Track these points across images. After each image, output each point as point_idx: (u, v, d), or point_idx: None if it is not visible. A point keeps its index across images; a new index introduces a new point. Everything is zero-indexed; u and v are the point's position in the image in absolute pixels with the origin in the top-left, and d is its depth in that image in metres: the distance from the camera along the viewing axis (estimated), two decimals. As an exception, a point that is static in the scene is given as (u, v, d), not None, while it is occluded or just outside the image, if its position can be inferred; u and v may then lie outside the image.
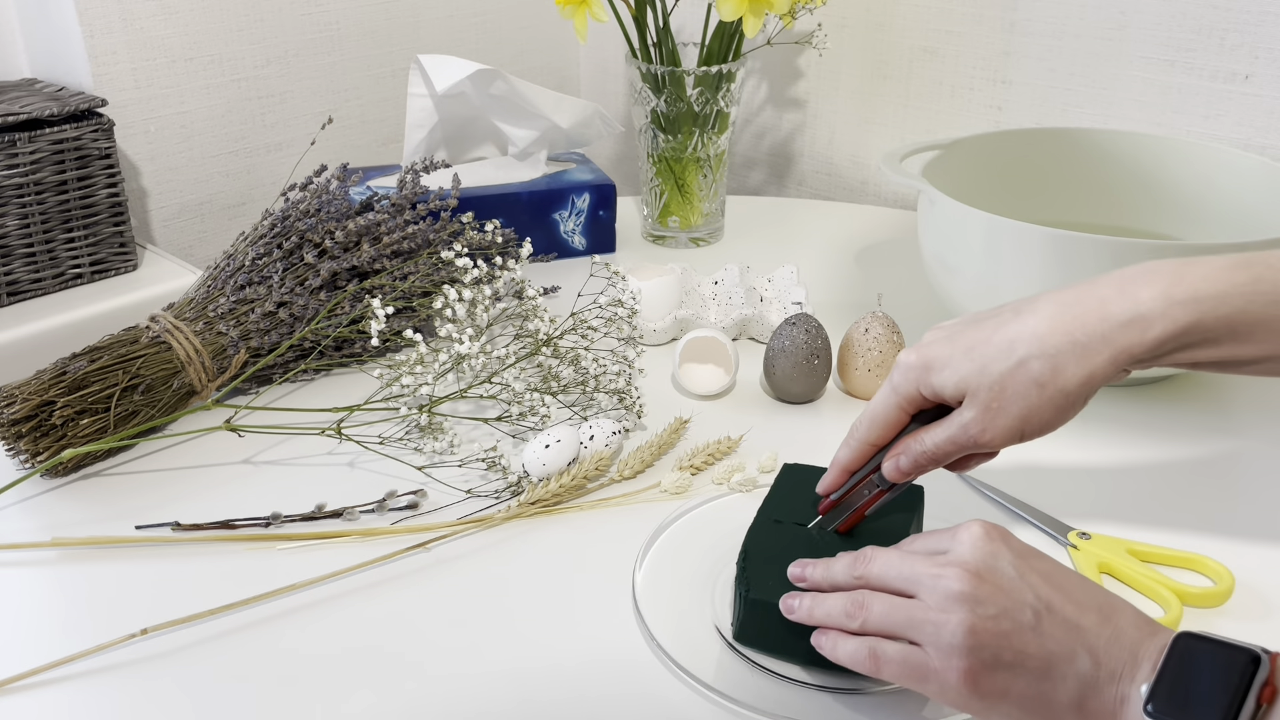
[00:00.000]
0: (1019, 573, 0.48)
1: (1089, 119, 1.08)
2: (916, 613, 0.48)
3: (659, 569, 0.63)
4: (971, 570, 0.47)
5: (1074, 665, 0.45)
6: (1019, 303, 0.54)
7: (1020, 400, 0.51)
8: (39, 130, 0.94)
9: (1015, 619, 0.46)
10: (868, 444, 0.57)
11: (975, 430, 0.52)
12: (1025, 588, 0.47)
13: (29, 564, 0.65)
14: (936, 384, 0.53)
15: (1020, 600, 0.47)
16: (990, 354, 0.51)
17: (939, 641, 0.47)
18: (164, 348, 0.77)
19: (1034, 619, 0.46)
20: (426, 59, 1.04)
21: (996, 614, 0.46)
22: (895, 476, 0.56)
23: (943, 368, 0.53)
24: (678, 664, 0.56)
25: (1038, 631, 0.46)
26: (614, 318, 0.82)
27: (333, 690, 0.55)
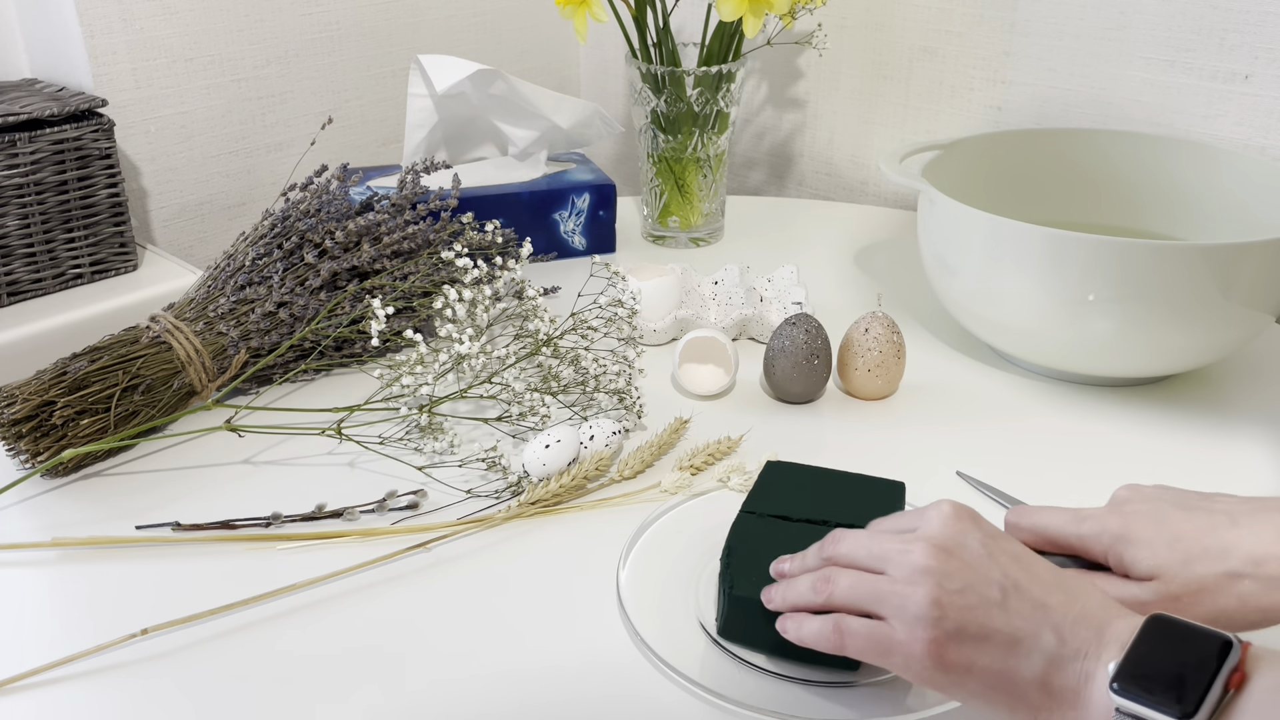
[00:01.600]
0: (987, 551, 0.48)
1: (1089, 119, 1.08)
2: (883, 586, 0.49)
3: (644, 567, 0.63)
4: (938, 545, 0.48)
5: (1039, 642, 0.46)
6: (1231, 505, 0.53)
7: (1214, 605, 0.51)
8: (39, 130, 0.94)
9: (982, 594, 0.47)
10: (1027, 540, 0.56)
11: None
12: (993, 565, 0.48)
13: (29, 564, 0.65)
14: (1129, 558, 0.52)
15: (987, 577, 0.47)
16: (1197, 552, 0.51)
17: (904, 614, 0.48)
18: (164, 348, 0.77)
19: (1000, 595, 0.47)
20: (426, 59, 1.04)
21: (963, 588, 0.47)
22: None
23: (1141, 545, 0.52)
24: (664, 661, 0.56)
25: (1004, 608, 0.47)
26: (614, 318, 0.82)
27: (333, 690, 0.56)
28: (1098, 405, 0.82)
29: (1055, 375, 0.86)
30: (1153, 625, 0.45)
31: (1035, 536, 0.55)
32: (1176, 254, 0.75)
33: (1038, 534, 0.55)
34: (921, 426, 0.79)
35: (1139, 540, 0.52)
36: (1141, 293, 0.76)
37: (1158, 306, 0.76)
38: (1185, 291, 0.76)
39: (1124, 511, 0.54)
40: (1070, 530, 0.54)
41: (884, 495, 0.62)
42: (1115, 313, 0.77)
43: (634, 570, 0.63)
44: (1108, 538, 0.53)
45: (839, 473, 0.64)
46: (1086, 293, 0.77)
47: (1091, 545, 0.54)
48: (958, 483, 0.72)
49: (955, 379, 0.86)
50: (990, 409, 0.82)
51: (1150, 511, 0.53)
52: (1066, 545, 0.55)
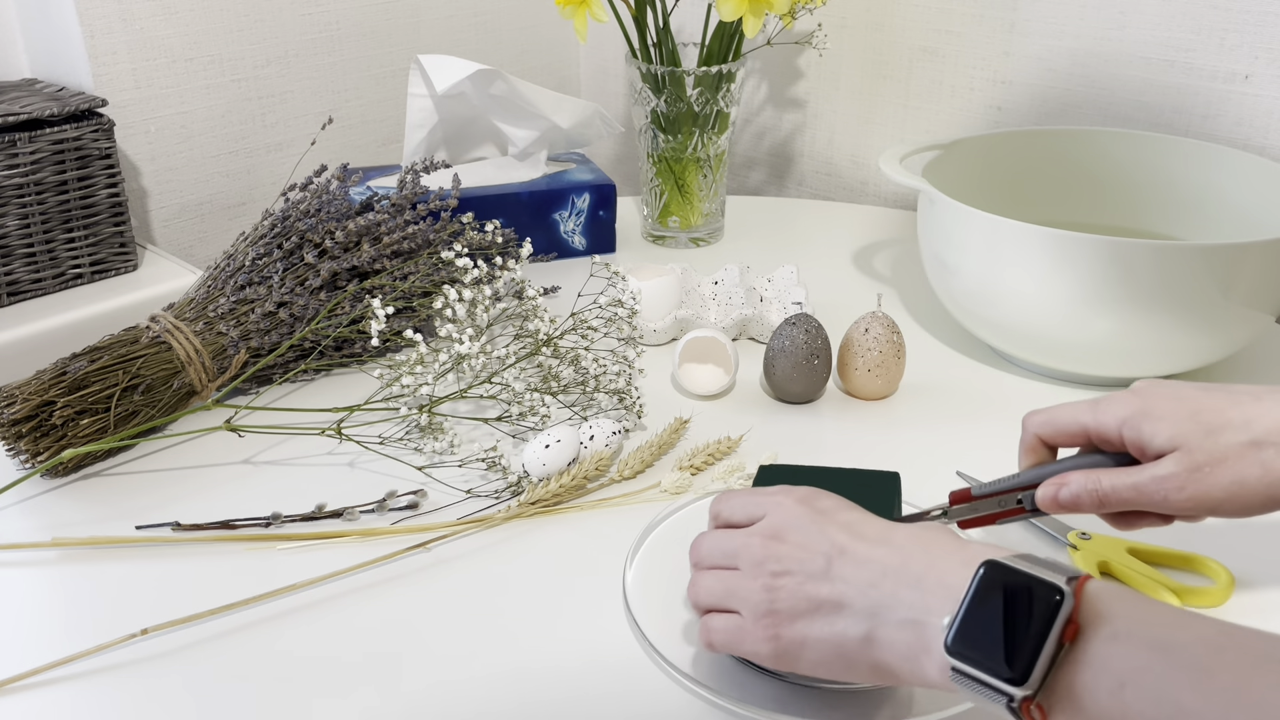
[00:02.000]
0: (818, 526, 0.49)
1: (1089, 119, 1.08)
2: (731, 582, 0.50)
3: (649, 568, 0.63)
4: (770, 534, 0.50)
5: (860, 599, 0.46)
6: (1256, 388, 0.53)
7: (1236, 474, 0.50)
8: (39, 130, 0.94)
9: (807, 569, 0.48)
10: (1036, 439, 0.56)
11: (1172, 486, 0.51)
12: (820, 537, 0.49)
13: (29, 564, 0.65)
14: (1147, 431, 0.51)
15: (814, 550, 0.48)
16: (1219, 423, 0.50)
17: (748, 605, 0.49)
18: (164, 348, 0.77)
19: (824, 564, 0.48)
20: (426, 59, 1.04)
21: (791, 568, 0.48)
22: (1048, 506, 0.54)
23: (1160, 419, 0.51)
24: (668, 661, 0.56)
25: (828, 576, 0.47)
26: (614, 318, 0.82)
27: (333, 690, 0.56)
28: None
29: (1055, 375, 0.86)
30: (987, 574, 0.43)
31: (1048, 426, 0.55)
32: (1176, 254, 0.75)
33: (1051, 425, 0.55)
34: (921, 426, 0.79)
35: (1157, 414, 0.51)
36: (1141, 293, 0.76)
37: (1158, 306, 0.76)
38: (1185, 291, 0.76)
39: (1141, 392, 0.53)
40: (1085, 416, 0.54)
41: (880, 487, 0.62)
42: (1115, 313, 0.77)
43: (640, 570, 0.63)
44: (1125, 413, 0.52)
45: (832, 469, 0.64)
46: (1086, 293, 0.77)
47: (1107, 424, 0.53)
48: (958, 483, 0.72)
49: (955, 379, 0.86)
50: (990, 409, 0.82)
51: (1169, 392, 0.53)
52: (1079, 428, 0.54)
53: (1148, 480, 0.51)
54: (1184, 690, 0.37)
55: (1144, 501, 0.52)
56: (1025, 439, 0.57)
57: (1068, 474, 0.54)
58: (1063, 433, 0.55)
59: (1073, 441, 0.55)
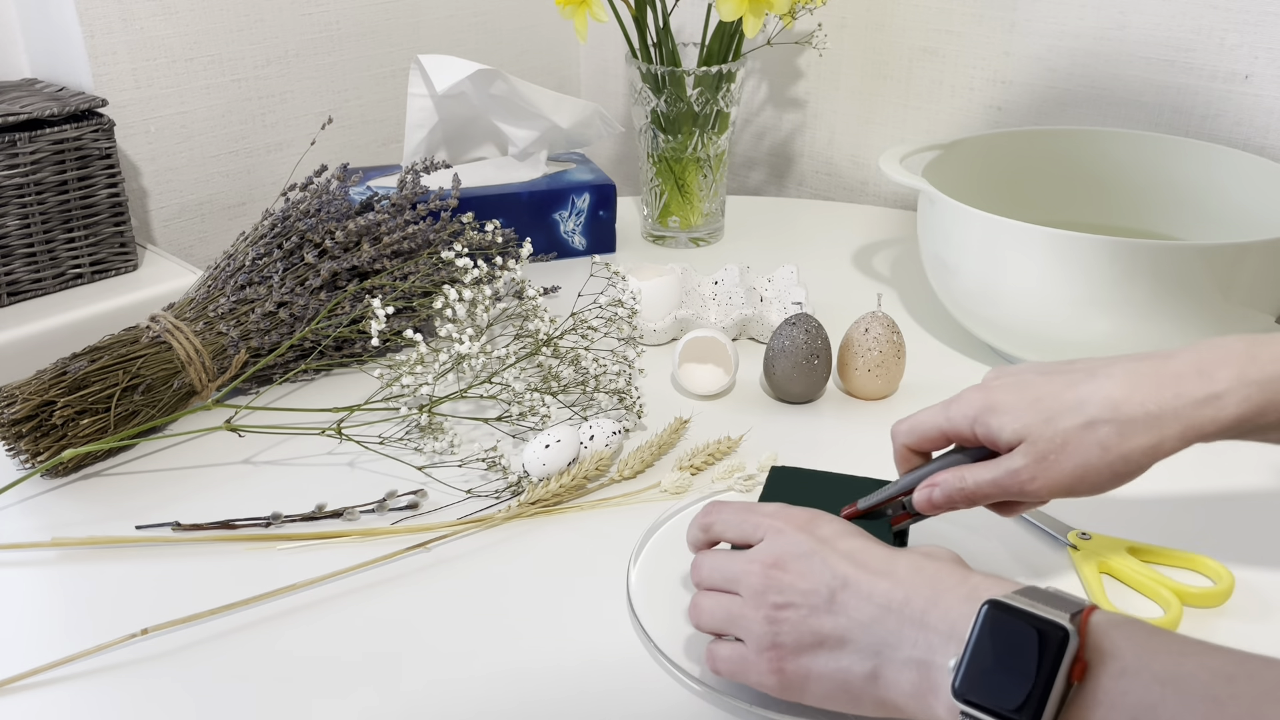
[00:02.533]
0: (820, 556, 0.49)
1: (1089, 119, 1.08)
2: (734, 609, 0.50)
3: (653, 568, 0.63)
4: (770, 562, 0.49)
5: (864, 636, 0.46)
6: (1092, 363, 0.54)
7: (1078, 458, 0.51)
8: (39, 130, 0.94)
9: (810, 602, 0.48)
10: (905, 449, 0.58)
11: (1024, 478, 0.52)
12: (823, 567, 0.48)
13: (29, 564, 0.65)
14: (995, 426, 0.53)
15: (817, 581, 0.48)
16: (1057, 408, 0.52)
17: (751, 635, 0.49)
18: (164, 348, 0.77)
19: (828, 596, 0.47)
20: (426, 59, 1.04)
21: (794, 600, 0.48)
22: (925, 508, 0.56)
23: (1004, 412, 0.52)
24: (673, 662, 0.56)
25: (831, 609, 0.47)
26: (614, 318, 0.82)
27: (333, 690, 0.55)
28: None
29: (1055, 375, 0.85)
30: (989, 616, 0.42)
31: (911, 435, 0.56)
32: (1176, 254, 0.75)
33: (913, 433, 0.56)
34: (921, 426, 0.79)
35: (1002, 407, 0.52)
36: (1141, 293, 0.76)
37: (1158, 306, 0.76)
38: (1185, 291, 0.76)
39: (988, 386, 0.54)
40: (939, 417, 0.55)
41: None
42: (1115, 313, 0.77)
43: (644, 570, 0.63)
44: (973, 411, 0.53)
45: (842, 475, 0.64)
46: (1086, 293, 0.77)
47: (959, 424, 0.54)
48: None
49: (955, 379, 0.86)
50: (990, 409, 0.82)
51: (1012, 382, 0.54)
52: (938, 433, 0.55)
53: (1003, 475, 0.52)
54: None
55: (1004, 494, 0.53)
56: (895, 450, 0.58)
57: (937, 475, 0.55)
58: (925, 439, 0.56)
59: (936, 445, 0.56)
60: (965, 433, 0.54)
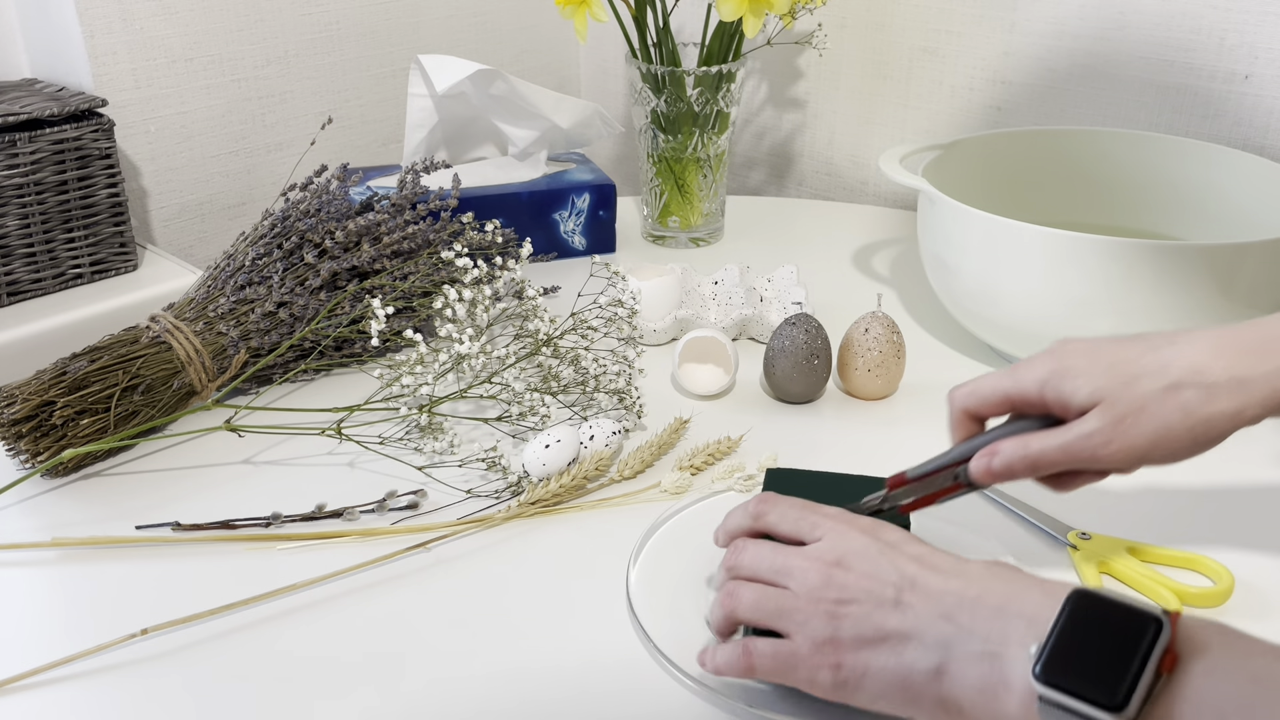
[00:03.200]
0: (887, 558, 0.48)
1: (1089, 119, 1.08)
2: (786, 602, 0.49)
3: (653, 568, 0.63)
4: (832, 561, 0.48)
5: (932, 631, 0.44)
6: (1171, 333, 0.53)
7: (1158, 421, 0.49)
8: (39, 130, 0.94)
9: (876, 597, 0.46)
10: (964, 414, 0.56)
11: (1098, 442, 0.50)
12: (890, 567, 0.47)
13: (29, 564, 0.65)
14: (1068, 389, 0.51)
15: (883, 580, 0.47)
16: (1136, 371, 0.50)
17: (806, 630, 0.47)
18: (164, 348, 0.77)
19: (895, 594, 0.46)
20: (426, 59, 1.04)
21: (858, 596, 0.47)
22: (983, 477, 0.53)
23: (1078, 375, 0.51)
24: (673, 663, 0.56)
25: (899, 606, 0.46)
26: (614, 318, 0.82)
27: (333, 690, 0.55)
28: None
29: (1055, 375, 0.85)
30: (1077, 603, 0.41)
31: (972, 398, 0.55)
32: (1176, 254, 0.75)
33: (975, 396, 0.55)
34: (921, 426, 0.79)
35: (1075, 371, 0.51)
36: (1141, 293, 0.76)
37: (1158, 306, 0.76)
38: (1185, 291, 0.76)
39: (1057, 352, 0.53)
40: (1005, 381, 0.53)
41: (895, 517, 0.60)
42: (1115, 313, 0.77)
43: (643, 570, 0.63)
44: (1043, 374, 0.52)
45: (840, 475, 0.64)
46: (1086, 293, 0.77)
47: (1027, 387, 0.52)
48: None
49: (955, 379, 0.86)
50: (990, 409, 0.82)
51: (1084, 348, 0.53)
52: (1001, 396, 0.54)
53: (1074, 439, 0.50)
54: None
55: (1074, 460, 0.51)
56: (952, 415, 0.56)
57: (998, 443, 0.53)
58: (987, 403, 0.54)
59: (998, 410, 0.54)
60: (1033, 396, 0.52)
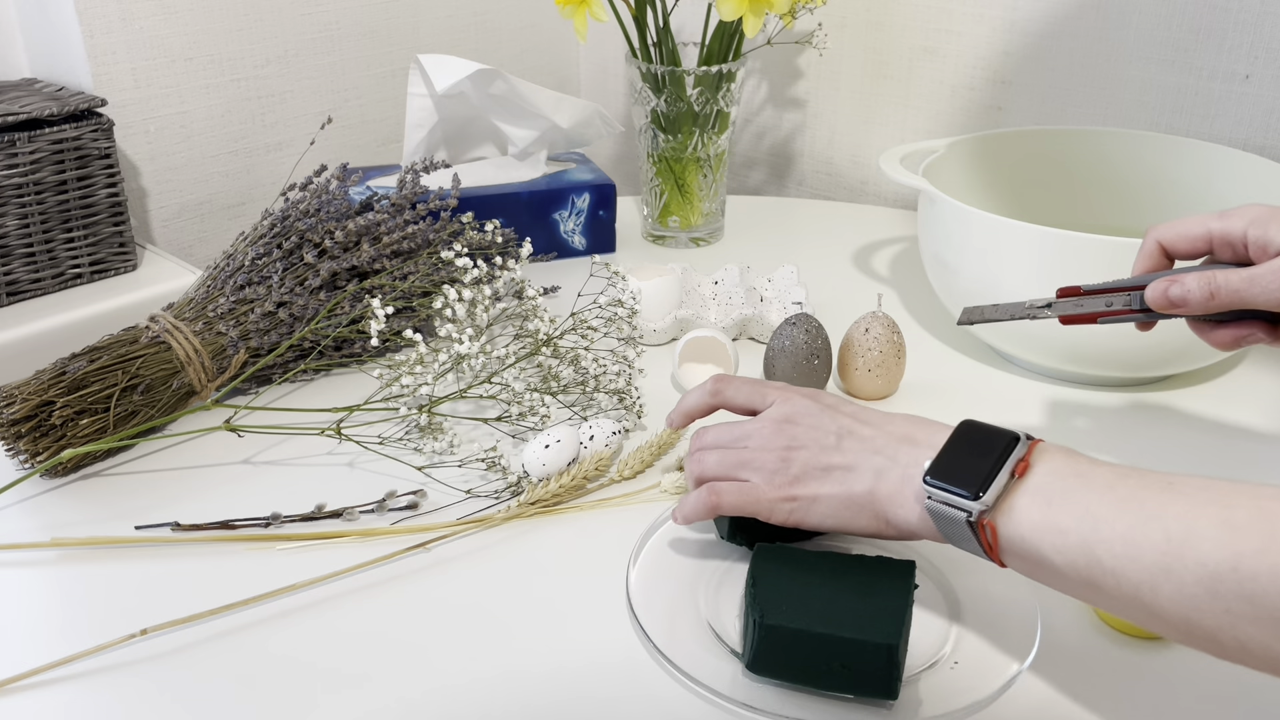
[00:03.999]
0: (827, 412, 0.60)
1: (1089, 119, 1.08)
2: (744, 455, 0.60)
3: (653, 568, 0.63)
4: (782, 419, 0.60)
5: (868, 462, 0.57)
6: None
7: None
8: (39, 130, 0.94)
9: (820, 442, 0.58)
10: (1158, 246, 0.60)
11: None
12: (829, 420, 0.59)
13: (29, 564, 0.65)
14: (1274, 231, 0.55)
15: (825, 428, 0.59)
16: None
17: (762, 471, 0.59)
18: (164, 348, 0.77)
19: (836, 440, 0.58)
20: (426, 59, 1.04)
21: (805, 441, 0.59)
22: (1158, 300, 0.58)
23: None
24: (673, 663, 0.56)
25: (839, 448, 0.58)
26: (614, 318, 0.82)
27: (333, 690, 0.55)
28: (1098, 405, 0.82)
29: (1055, 375, 0.86)
30: (960, 430, 0.55)
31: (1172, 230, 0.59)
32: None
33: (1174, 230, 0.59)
34: (921, 426, 0.79)
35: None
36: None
37: (1158, 306, 0.76)
38: (1185, 291, 0.75)
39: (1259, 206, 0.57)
40: (1213, 222, 0.58)
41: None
42: (1115, 313, 0.77)
43: (643, 570, 0.63)
44: (1253, 215, 0.56)
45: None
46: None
47: (1233, 226, 0.57)
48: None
49: (955, 379, 0.86)
50: (990, 409, 0.82)
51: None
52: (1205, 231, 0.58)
53: (1266, 271, 0.55)
54: (1095, 501, 0.48)
55: (1255, 291, 0.56)
56: (1146, 245, 0.61)
57: (1180, 274, 0.58)
58: (1186, 237, 0.59)
59: (1195, 247, 0.59)
60: (1237, 234, 0.57)
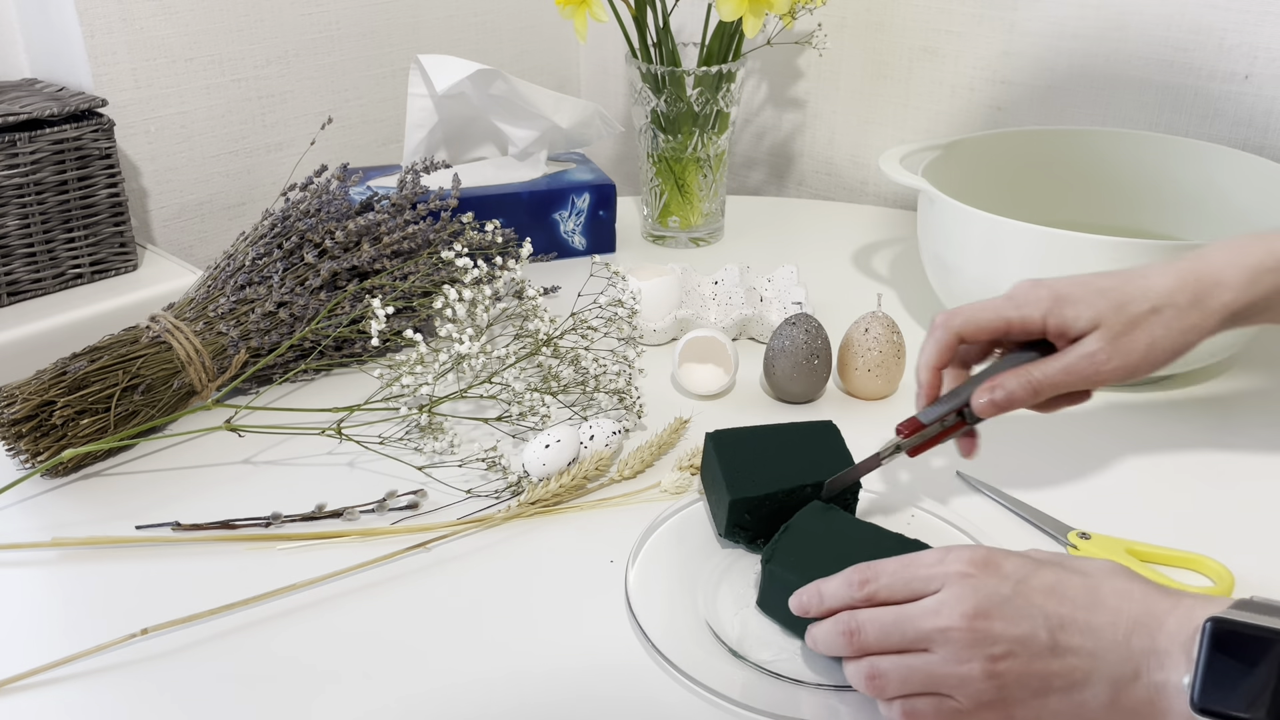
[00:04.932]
0: (1021, 595, 0.48)
1: (1089, 119, 1.08)
2: (935, 670, 0.48)
3: (652, 568, 0.63)
4: (971, 614, 0.48)
5: (1098, 669, 0.47)
6: (1140, 267, 0.62)
7: (1148, 337, 0.59)
8: (39, 130, 0.94)
9: (1030, 648, 0.47)
10: (957, 338, 0.61)
11: (1101, 359, 0.59)
12: (1031, 609, 0.48)
13: (29, 564, 0.65)
14: (1069, 316, 0.59)
15: (1031, 627, 0.47)
16: (1124, 298, 0.59)
17: (966, 692, 0.48)
18: (164, 348, 0.77)
19: (1049, 639, 0.47)
20: (426, 59, 1.04)
21: (1010, 650, 0.47)
22: (987, 411, 0.60)
23: (1077, 302, 0.59)
24: (671, 663, 0.56)
25: (1055, 651, 0.47)
26: (614, 318, 0.82)
27: (333, 690, 0.55)
28: (1096, 405, 0.82)
29: (1055, 375, 0.85)
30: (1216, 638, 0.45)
31: (970, 324, 0.60)
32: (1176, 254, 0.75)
33: (974, 326, 0.60)
34: (921, 426, 0.79)
35: (1074, 298, 0.59)
36: (1141, 293, 0.76)
37: (1158, 306, 0.76)
38: (1185, 291, 0.75)
39: (1045, 283, 0.60)
40: (1006, 308, 0.60)
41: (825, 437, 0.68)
42: (1115, 313, 0.77)
43: (641, 570, 0.63)
44: (1045, 303, 0.59)
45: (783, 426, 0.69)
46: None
47: (1031, 315, 0.60)
48: (957, 483, 0.72)
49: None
50: (990, 409, 0.82)
51: (1070, 280, 0.60)
52: (1002, 323, 0.60)
53: (1077, 360, 0.59)
54: None
55: (1075, 380, 0.60)
56: (944, 338, 0.62)
57: (996, 377, 0.60)
58: (985, 330, 0.61)
59: (993, 335, 0.61)
60: (1035, 322, 0.60)
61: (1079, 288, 0.60)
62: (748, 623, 0.59)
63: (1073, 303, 0.59)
